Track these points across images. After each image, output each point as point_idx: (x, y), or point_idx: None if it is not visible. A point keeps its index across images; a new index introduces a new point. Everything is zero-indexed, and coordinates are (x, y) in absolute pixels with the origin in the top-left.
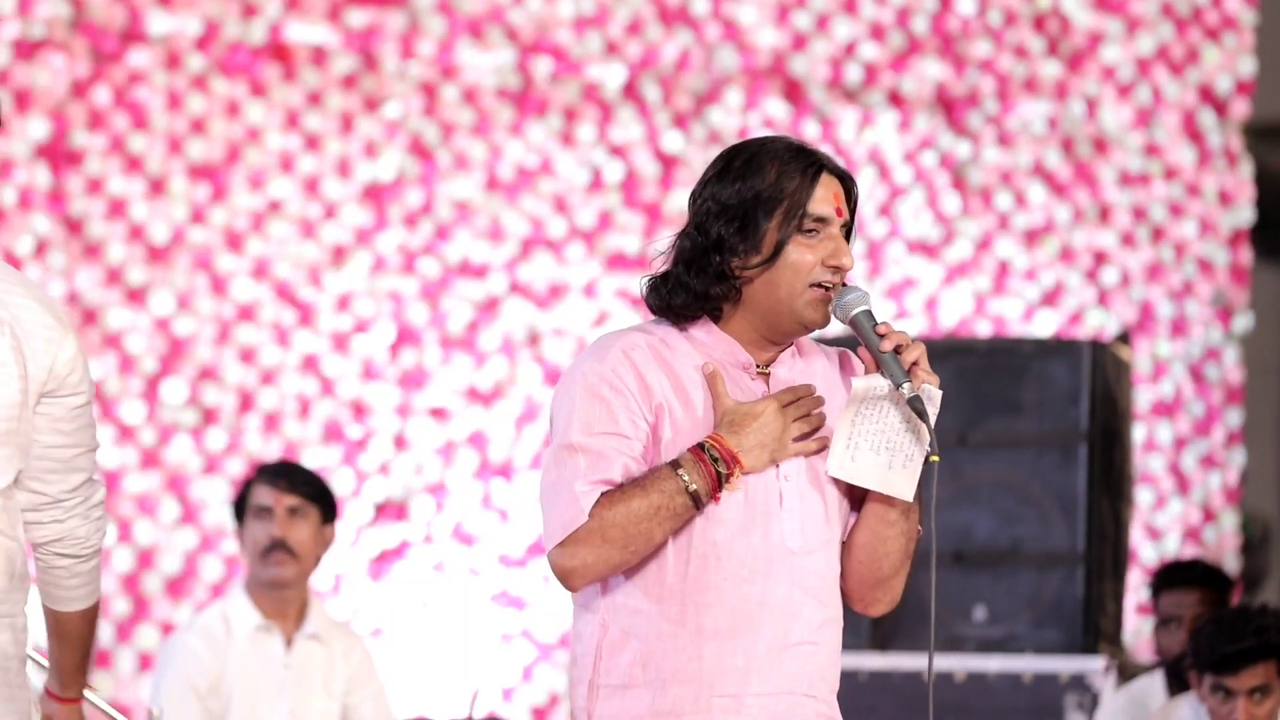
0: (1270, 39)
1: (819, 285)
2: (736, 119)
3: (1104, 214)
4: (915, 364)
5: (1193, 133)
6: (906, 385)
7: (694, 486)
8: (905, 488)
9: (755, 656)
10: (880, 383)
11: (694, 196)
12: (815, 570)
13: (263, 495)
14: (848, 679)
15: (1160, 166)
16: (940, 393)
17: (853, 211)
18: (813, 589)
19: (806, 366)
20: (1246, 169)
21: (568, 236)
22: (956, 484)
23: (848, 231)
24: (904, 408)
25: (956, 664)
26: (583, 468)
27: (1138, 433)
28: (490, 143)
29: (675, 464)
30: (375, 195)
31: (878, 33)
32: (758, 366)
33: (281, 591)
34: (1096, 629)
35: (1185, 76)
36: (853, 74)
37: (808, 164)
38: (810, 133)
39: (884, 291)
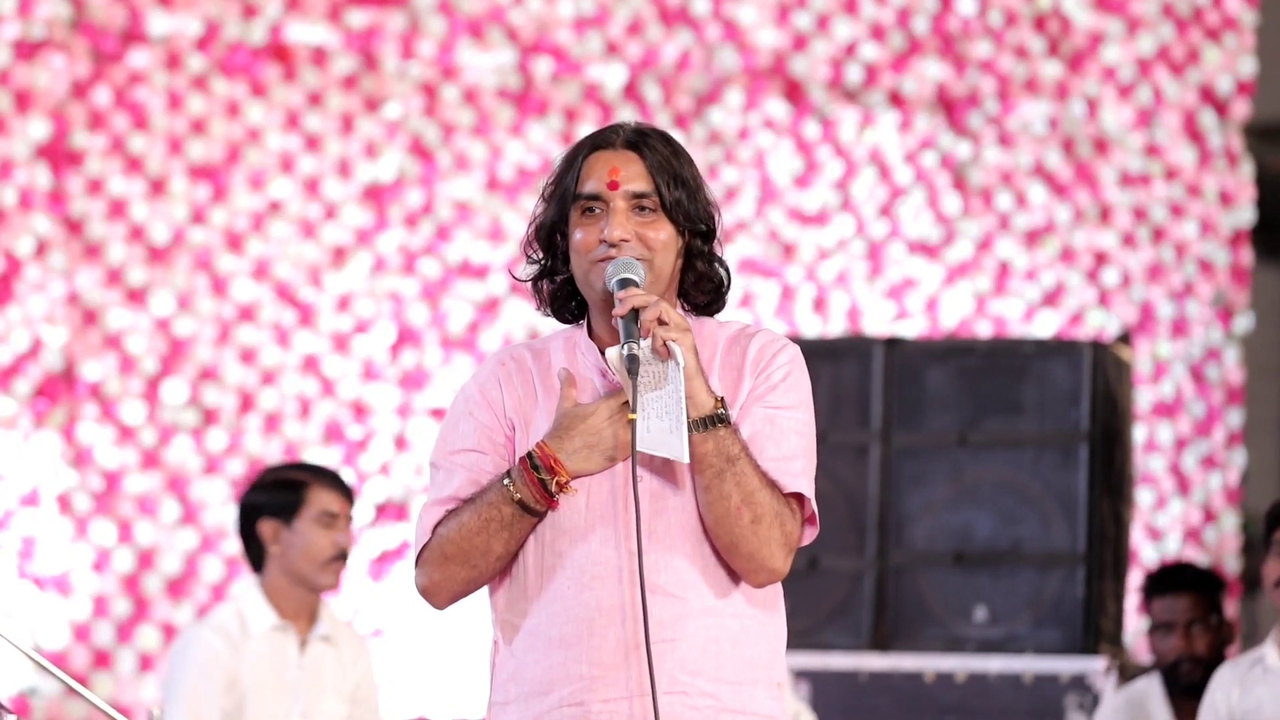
0: (1270, 39)
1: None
2: (737, 119)
3: (1104, 214)
4: (660, 322)
5: (1193, 133)
6: (627, 345)
7: (518, 495)
8: (682, 449)
9: (601, 663)
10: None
11: None
12: (669, 566)
13: (329, 501)
14: (847, 679)
15: (1161, 167)
16: (680, 348)
17: (665, 177)
18: (662, 587)
19: (706, 351)
20: (1247, 169)
21: None
22: (957, 484)
23: (662, 200)
24: (673, 372)
25: (957, 664)
26: (436, 488)
27: (1138, 433)
28: (490, 143)
29: (507, 474)
30: (375, 195)
31: (878, 33)
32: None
33: (312, 595)
34: (1097, 629)
35: (1186, 77)
36: (853, 74)
37: (577, 150)
38: (810, 133)
39: (884, 292)
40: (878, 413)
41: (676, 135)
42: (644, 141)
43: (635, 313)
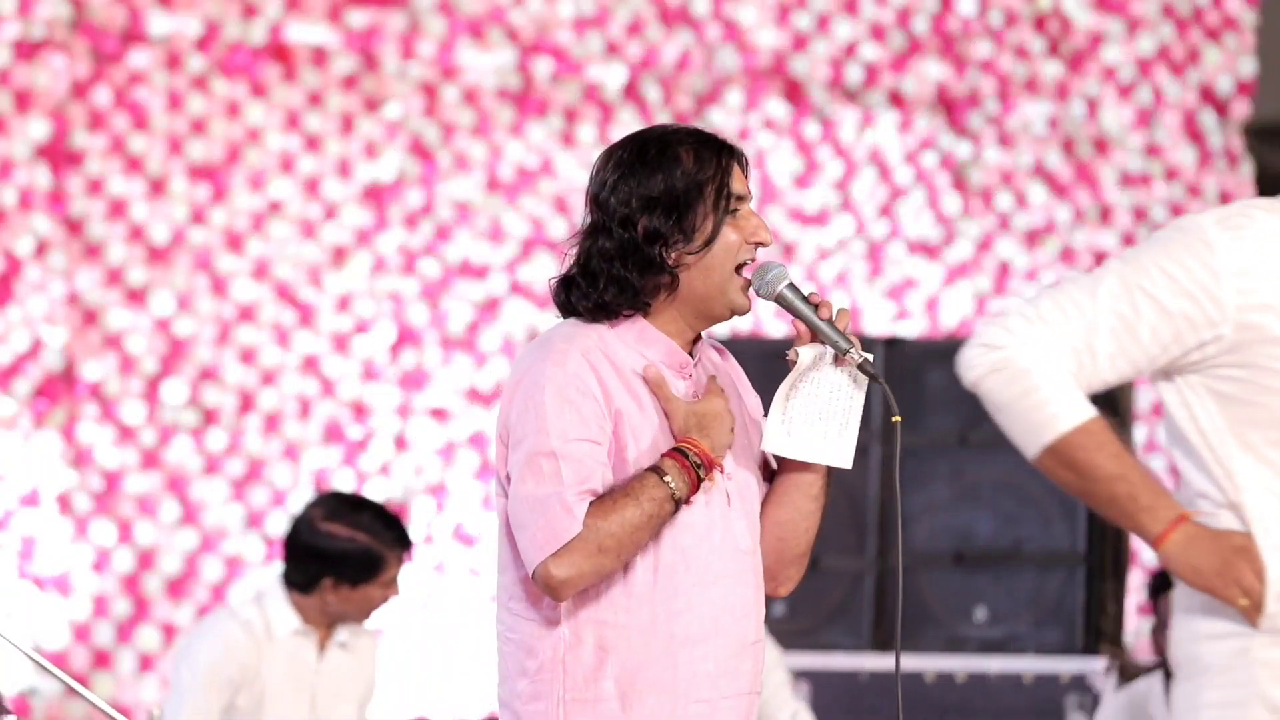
0: (1270, 39)
1: (740, 267)
2: (737, 119)
3: (1105, 214)
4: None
5: (1193, 133)
6: (854, 351)
7: (679, 493)
8: (845, 455)
9: (723, 660)
10: (824, 351)
11: (605, 191)
12: (760, 566)
13: (397, 568)
14: (848, 679)
15: (1161, 167)
16: (873, 356)
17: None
18: (757, 585)
19: (713, 359)
20: (1247, 169)
21: (568, 237)
22: (957, 485)
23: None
24: (837, 375)
25: (958, 665)
26: (567, 477)
27: (1138, 433)
28: (491, 143)
29: (658, 471)
30: (375, 196)
31: (878, 33)
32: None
33: None
34: (1097, 630)
35: (1186, 77)
36: (853, 74)
37: (719, 146)
38: (811, 133)
39: (885, 292)
40: (878, 413)
41: None
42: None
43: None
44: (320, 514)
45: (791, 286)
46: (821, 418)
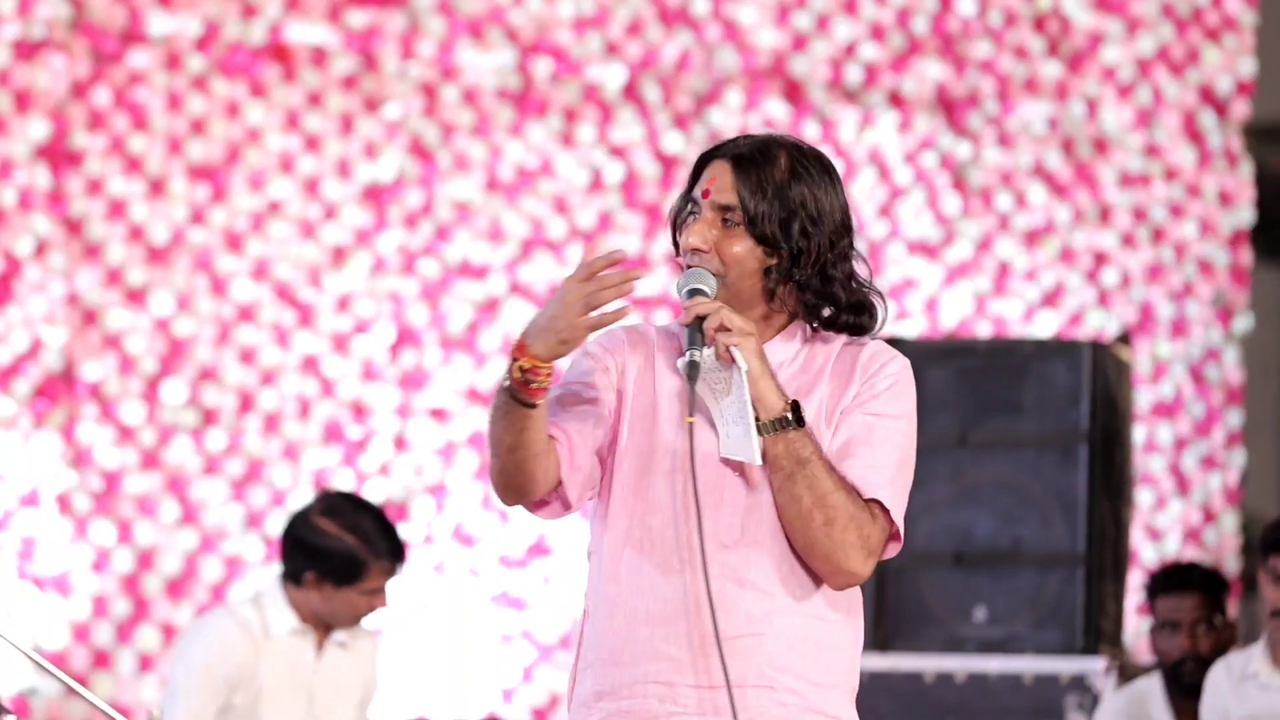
0: (1270, 39)
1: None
2: (737, 120)
3: (1104, 215)
4: (723, 329)
5: (1193, 133)
6: (690, 353)
7: (506, 382)
8: (754, 453)
9: (691, 648)
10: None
11: None
12: (755, 563)
13: (383, 579)
14: None
15: (1160, 167)
16: (742, 353)
17: (756, 193)
18: (751, 582)
19: (802, 353)
20: (1247, 170)
21: (568, 237)
22: (957, 484)
23: (747, 215)
24: (738, 376)
25: (957, 665)
26: None
27: (1138, 433)
28: (490, 143)
29: None
30: (375, 196)
31: (878, 33)
32: None
33: None
34: (1097, 630)
35: (1185, 77)
36: (853, 74)
37: (701, 157)
38: (810, 133)
39: (884, 292)
40: None
41: (676, 136)
42: (751, 154)
43: (700, 321)
44: (320, 508)
45: (686, 292)
46: (742, 418)
